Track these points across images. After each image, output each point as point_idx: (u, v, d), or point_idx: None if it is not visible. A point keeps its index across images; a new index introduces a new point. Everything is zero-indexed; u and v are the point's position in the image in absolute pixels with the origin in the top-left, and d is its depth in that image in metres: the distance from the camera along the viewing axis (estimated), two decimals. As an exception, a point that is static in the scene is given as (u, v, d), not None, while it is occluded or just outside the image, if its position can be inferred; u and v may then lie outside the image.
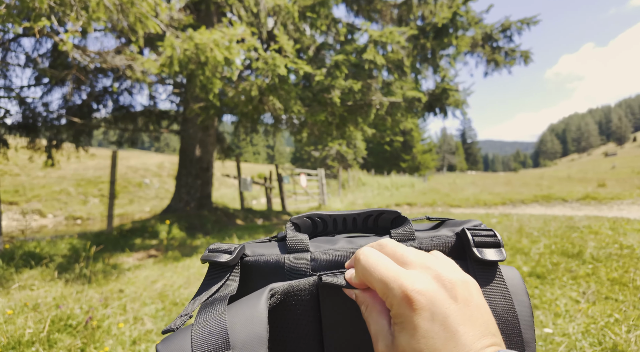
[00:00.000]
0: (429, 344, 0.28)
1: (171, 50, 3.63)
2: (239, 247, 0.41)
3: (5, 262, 3.82)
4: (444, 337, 0.29)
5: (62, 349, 1.95)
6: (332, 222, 0.49)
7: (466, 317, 0.30)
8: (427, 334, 0.29)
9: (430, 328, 0.29)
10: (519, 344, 0.36)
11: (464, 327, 0.29)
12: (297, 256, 0.42)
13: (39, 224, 12.22)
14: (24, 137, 7.17)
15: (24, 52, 6.19)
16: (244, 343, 0.32)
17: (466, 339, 0.29)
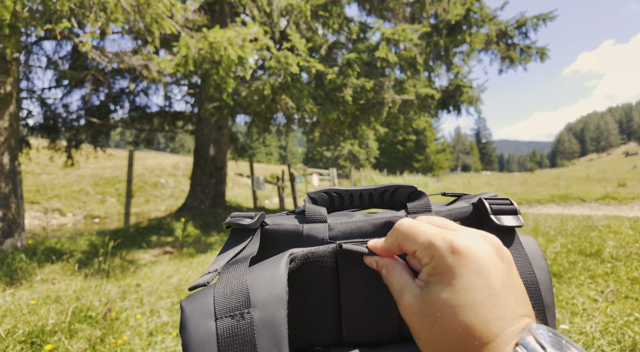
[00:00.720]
0: (469, 298, 0.27)
1: (186, 49, 3.70)
2: (259, 214, 0.43)
3: (28, 257, 3.95)
4: (486, 294, 0.27)
5: (83, 339, 2.02)
6: (349, 197, 0.49)
7: (509, 281, 0.29)
8: (470, 286, 0.28)
9: (474, 281, 0.28)
10: (540, 307, 0.36)
11: (507, 289, 0.28)
12: (316, 225, 0.43)
13: (59, 223, 12.58)
14: (45, 137, 7.41)
15: (45, 54, 6.39)
16: (264, 302, 0.32)
17: (507, 300, 0.28)
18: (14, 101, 4.70)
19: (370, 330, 0.40)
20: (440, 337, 0.28)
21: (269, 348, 0.31)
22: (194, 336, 0.31)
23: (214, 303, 0.33)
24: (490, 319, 0.27)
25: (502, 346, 0.26)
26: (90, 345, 1.97)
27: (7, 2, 2.96)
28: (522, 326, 0.27)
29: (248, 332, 0.31)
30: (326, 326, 0.40)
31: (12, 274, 3.37)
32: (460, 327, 0.27)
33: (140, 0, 3.32)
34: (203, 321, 0.32)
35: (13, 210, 4.64)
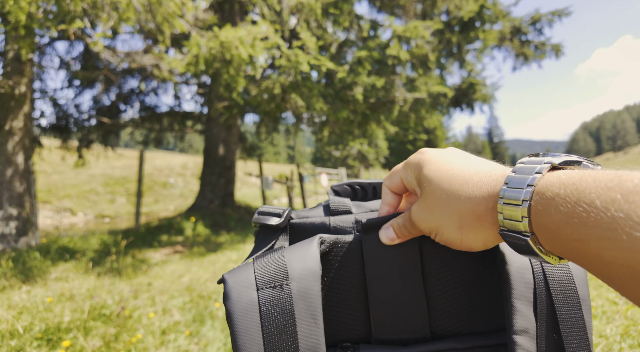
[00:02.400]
0: (447, 171, 0.33)
1: (197, 49, 3.70)
2: (287, 210, 0.43)
3: (43, 255, 4.00)
4: (461, 159, 0.34)
5: (98, 336, 2.02)
6: (372, 190, 0.49)
7: (473, 156, 0.36)
8: (441, 164, 0.34)
9: (442, 159, 0.34)
10: (574, 301, 0.36)
11: (474, 159, 0.35)
12: (342, 217, 0.43)
13: (70, 222, 12.75)
14: (57, 137, 7.50)
15: (57, 55, 6.48)
16: (301, 276, 0.35)
17: (479, 162, 0.34)
18: (28, 101, 4.76)
19: (399, 325, 0.39)
20: (448, 205, 0.32)
21: (305, 318, 0.34)
22: (237, 305, 0.33)
23: (254, 276, 0.35)
24: (477, 167, 0.32)
25: (499, 175, 0.30)
26: (105, 343, 1.97)
27: (22, 4, 2.99)
28: (502, 169, 0.32)
29: (287, 302, 0.34)
30: (354, 320, 0.40)
31: (27, 272, 3.41)
32: (454, 186, 0.32)
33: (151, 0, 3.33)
34: (245, 291, 0.34)
35: (27, 209, 4.70)
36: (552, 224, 0.25)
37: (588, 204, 0.22)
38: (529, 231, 0.27)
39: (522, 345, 0.34)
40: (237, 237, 5.87)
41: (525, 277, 0.36)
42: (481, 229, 0.30)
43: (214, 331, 2.27)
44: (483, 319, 0.39)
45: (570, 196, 0.23)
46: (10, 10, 2.92)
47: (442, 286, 0.39)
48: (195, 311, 2.59)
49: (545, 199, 0.25)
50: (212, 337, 2.18)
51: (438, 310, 0.39)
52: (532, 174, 0.27)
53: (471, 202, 0.30)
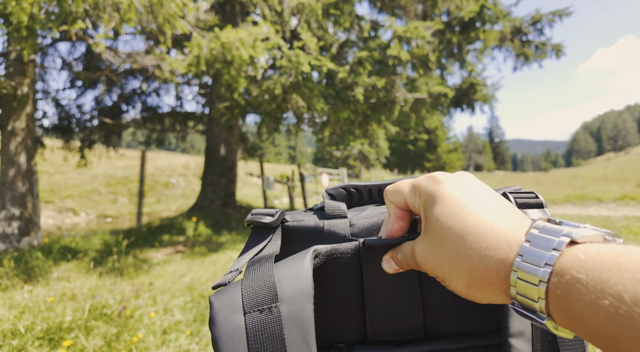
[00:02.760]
0: (463, 211, 0.29)
1: (198, 49, 3.72)
2: (279, 211, 0.42)
3: (45, 255, 4.02)
4: (475, 203, 0.30)
5: (99, 336, 2.03)
6: (368, 193, 0.49)
7: (492, 193, 0.32)
8: (457, 200, 0.30)
9: (459, 194, 0.31)
10: None
11: (494, 198, 0.31)
12: (336, 221, 0.43)
13: (72, 222, 12.79)
14: (59, 138, 7.53)
15: (59, 56, 6.51)
16: (291, 297, 0.33)
17: (499, 205, 0.30)
18: (30, 102, 4.79)
19: (395, 327, 0.39)
20: (458, 261, 0.29)
21: (297, 342, 0.32)
22: (223, 330, 0.32)
23: (242, 298, 0.33)
24: (491, 222, 0.28)
25: (512, 241, 0.27)
26: (106, 342, 1.98)
27: (24, 5, 3.01)
28: (526, 221, 0.29)
29: (277, 326, 0.32)
30: (350, 324, 0.40)
31: (30, 272, 3.42)
32: (466, 243, 0.28)
33: (153, 1, 3.34)
34: (232, 315, 0.33)
35: (30, 209, 4.72)
36: (575, 312, 0.22)
37: (615, 297, 0.20)
38: (545, 313, 0.24)
39: (518, 347, 0.35)
40: (238, 237, 5.88)
41: None
42: (491, 293, 0.28)
43: (214, 330, 2.27)
44: (477, 320, 0.40)
45: (593, 284, 0.21)
46: (12, 11, 2.94)
47: (438, 289, 0.40)
48: (196, 310, 2.60)
49: (565, 283, 0.23)
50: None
51: (433, 312, 0.40)
52: (549, 250, 0.24)
53: (483, 265, 0.28)
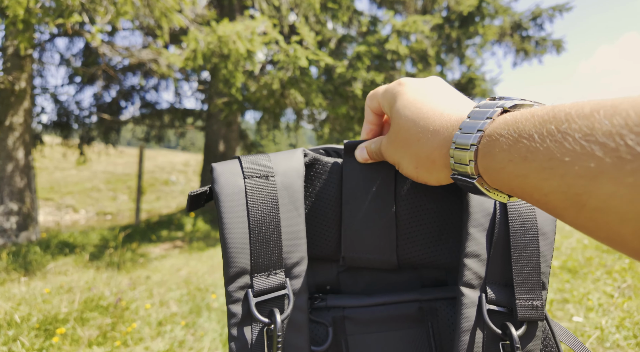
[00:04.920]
0: (417, 103, 0.34)
1: (195, 43, 3.71)
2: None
3: (43, 249, 4.02)
4: (432, 96, 0.34)
5: (94, 327, 2.04)
6: None
7: (447, 88, 0.36)
8: (416, 95, 0.35)
9: (417, 92, 0.35)
10: (532, 232, 0.37)
11: (445, 92, 0.35)
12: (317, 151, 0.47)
13: (72, 219, 12.80)
14: (58, 134, 7.53)
15: (57, 51, 6.50)
16: (285, 171, 0.38)
17: (448, 98, 0.34)
18: (28, 97, 4.78)
19: (368, 244, 0.41)
20: (408, 145, 0.34)
21: (288, 207, 0.36)
22: (225, 188, 0.36)
23: (242, 167, 0.37)
24: (442, 108, 0.32)
25: (456, 120, 0.31)
26: (101, 332, 1.99)
27: (20, -2, 3.00)
28: (472, 105, 0.33)
29: (272, 190, 0.36)
30: (327, 237, 0.42)
31: (27, 266, 3.43)
32: (417, 128, 0.33)
33: (149, -6, 3.33)
34: (233, 178, 0.37)
35: (28, 204, 4.73)
36: (497, 165, 0.25)
37: (527, 138, 0.23)
38: (475, 174, 0.28)
39: (471, 267, 0.36)
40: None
41: (485, 207, 0.37)
42: (434, 170, 0.32)
43: (210, 322, 2.28)
44: (448, 253, 0.41)
45: (512, 134, 0.24)
46: (8, 4, 2.93)
47: (411, 213, 0.40)
48: (192, 303, 2.61)
49: (490, 141, 0.26)
50: (209, 328, 2.20)
51: (406, 236, 0.41)
52: (483, 119, 0.28)
53: (428, 147, 0.32)
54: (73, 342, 1.90)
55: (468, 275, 0.36)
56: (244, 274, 0.34)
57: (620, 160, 0.18)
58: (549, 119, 0.22)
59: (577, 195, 0.20)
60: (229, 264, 0.34)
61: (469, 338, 0.34)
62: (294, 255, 0.36)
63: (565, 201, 0.21)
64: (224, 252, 0.34)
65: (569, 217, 0.22)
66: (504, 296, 0.36)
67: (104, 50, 4.26)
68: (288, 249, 0.36)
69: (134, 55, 4.41)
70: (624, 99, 0.19)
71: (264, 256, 0.35)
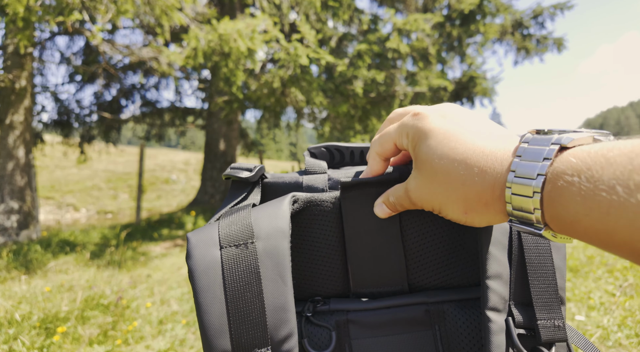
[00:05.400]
0: (449, 138, 0.30)
1: (195, 41, 3.70)
2: (259, 167, 0.42)
3: (43, 248, 4.03)
4: (464, 130, 0.30)
5: (95, 325, 2.04)
6: (350, 154, 0.49)
7: (476, 116, 0.32)
8: (441, 130, 0.30)
9: (443, 125, 0.31)
10: (545, 247, 0.35)
11: (478, 121, 0.31)
12: (315, 176, 0.43)
13: (73, 218, 12.81)
14: (58, 133, 7.53)
15: (58, 50, 6.50)
16: (268, 234, 0.34)
17: (486, 127, 0.30)
18: (28, 95, 4.78)
19: (377, 279, 0.39)
20: (451, 189, 0.29)
21: (272, 276, 0.33)
22: (199, 263, 0.33)
23: (219, 234, 0.34)
24: (481, 145, 0.28)
25: (503, 159, 0.27)
26: (102, 331, 1.99)
27: (20, -4, 2.99)
28: (516, 139, 0.29)
29: (252, 260, 0.33)
30: (332, 276, 0.40)
31: (28, 264, 3.43)
32: (458, 169, 0.29)
33: (150, -8, 3.33)
34: (208, 250, 0.33)
35: (28, 203, 4.73)
36: (569, 217, 0.22)
37: (608, 191, 0.20)
38: (542, 223, 0.25)
39: (495, 289, 0.34)
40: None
41: (502, 224, 0.36)
42: (488, 214, 0.29)
43: (211, 320, 2.27)
44: (460, 274, 0.40)
45: (585, 183, 0.21)
46: (8, 2, 2.93)
47: (419, 240, 0.39)
48: (192, 301, 2.60)
49: (558, 189, 0.23)
50: (209, 326, 2.19)
51: (416, 263, 0.39)
52: (540, 160, 0.24)
53: (477, 188, 0.28)
54: (74, 340, 1.90)
55: (493, 298, 0.34)
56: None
57: None
58: (632, 167, 0.19)
59: None
60: (209, 348, 0.32)
61: None
62: (282, 330, 0.32)
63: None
64: (202, 336, 0.32)
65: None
66: (527, 317, 0.34)
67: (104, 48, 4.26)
68: (273, 324, 0.32)
69: (135, 54, 4.41)
70: None
71: (246, 336, 0.32)
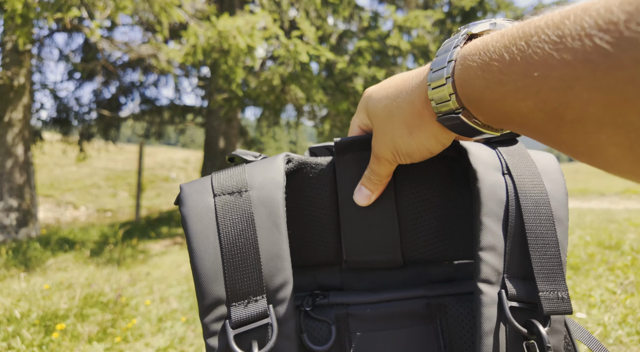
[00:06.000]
0: (384, 87, 0.34)
1: (195, 38, 3.68)
2: (264, 156, 0.42)
3: (42, 246, 4.02)
4: (396, 78, 0.34)
5: (94, 323, 2.03)
6: None
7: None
8: (379, 87, 0.34)
9: (380, 86, 0.35)
10: (547, 218, 0.34)
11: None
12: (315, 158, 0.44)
13: (72, 216, 12.80)
14: (57, 131, 7.51)
15: (57, 47, 6.47)
16: (262, 184, 0.34)
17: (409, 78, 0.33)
18: (27, 93, 4.76)
19: (371, 246, 0.39)
20: (392, 119, 0.32)
21: (266, 224, 0.32)
22: (192, 209, 0.33)
23: (212, 184, 0.34)
24: (408, 77, 0.32)
25: (425, 69, 0.30)
26: (101, 328, 1.98)
27: (18, -8, 2.97)
28: None
29: (246, 207, 0.33)
30: (325, 242, 0.40)
31: (27, 262, 3.42)
32: (392, 97, 0.32)
33: (149, -11, 3.30)
34: (202, 197, 0.33)
35: (27, 200, 4.71)
36: (475, 93, 0.24)
37: (499, 60, 0.22)
38: (459, 107, 0.26)
39: (488, 261, 0.33)
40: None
41: (497, 194, 0.35)
42: (425, 125, 0.30)
43: (210, 318, 2.27)
44: (455, 247, 0.39)
45: (484, 58, 0.23)
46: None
47: (414, 208, 0.39)
48: (192, 299, 2.60)
49: (465, 69, 0.25)
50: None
51: (410, 233, 0.39)
52: (450, 49, 0.26)
53: (408, 103, 0.30)
54: (73, 338, 1.89)
55: (485, 270, 0.33)
56: (219, 305, 0.31)
57: (592, 64, 0.17)
58: (519, 35, 0.21)
59: (554, 109, 0.20)
60: (202, 294, 0.31)
61: (492, 340, 0.31)
62: (276, 278, 0.32)
63: (544, 119, 0.21)
64: (196, 282, 0.31)
65: (550, 136, 0.21)
66: (525, 290, 0.33)
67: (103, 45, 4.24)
68: (269, 272, 0.32)
69: (134, 51, 4.38)
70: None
71: (241, 283, 0.31)
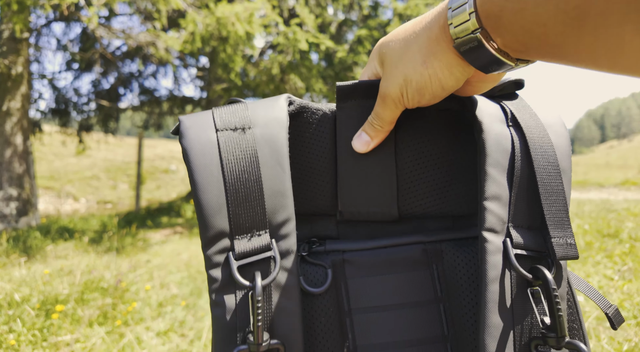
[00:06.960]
0: (402, 29, 0.33)
1: (193, 26, 3.64)
2: None
3: (43, 234, 4.03)
4: (414, 20, 0.33)
5: (94, 307, 2.04)
6: None
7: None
8: (395, 32, 0.34)
9: (393, 32, 0.34)
10: (555, 169, 0.34)
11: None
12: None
13: (72, 208, 12.83)
14: (56, 122, 7.48)
15: (54, 36, 6.41)
16: (265, 122, 0.34)
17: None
18: (25, 82, 4.73)
19: (367, 198, 0.38)
20: (407, 50, 0.31)
21: (270, 162, 0.32)
22: (194, 143, 0.32)
23: (214, 119, 0.34)
24: (421, 15, 0.32)
25: (443, 5, 0.29)
26: (101, 312, 1.99)
27: (13, -23, 2.94)
28: None
29: (250, 144, 0.32)
30: (321, 190, 0.39)
31: (27, 250, 3.44)
32: (409, 31, 0.32)
33: (146, -26, 3.26)
34: (204, 131, 0.33)
35: (27, 190, 4.72)
36: (496, 7, 0.25)
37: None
38: (477, 26, 0.26)
39: (493, 210, 0.33)
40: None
41: (502, 145, 0.34)
42: (442, 53, 0.29)
43: (210, 303, 2.28)
44: (454, 202, 0.38)
45: None
46: (2, -17, 2.87)
47: (414, 161, 0.38)
48: (192, 285, 2.61)
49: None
50: (209, 309, 2.20)
51: (409, 186, 0.38)
52: None
53: (426, 30, 0.30)
54: (74, 321, 1.90)
55: (490, 219, 0.33)
56: (223, 237, 0.32)
57: None
58: None
59: (577, 7, 0.20)
60: (206, 226, 0.31)
61: (498, 287, 0.32)
62: (280, 215, 0.33)
63: (566, 22, 0.21)
64: (199, 214, 0.31)
65: (570, 44, 0.22)
66: (530, 239, 0.34)
67: (101, 33, 4.20)
68: (272, 208, 0.32)
69: (132, 38, 4.35)
70: None
71: (245, 217, 0.32)
